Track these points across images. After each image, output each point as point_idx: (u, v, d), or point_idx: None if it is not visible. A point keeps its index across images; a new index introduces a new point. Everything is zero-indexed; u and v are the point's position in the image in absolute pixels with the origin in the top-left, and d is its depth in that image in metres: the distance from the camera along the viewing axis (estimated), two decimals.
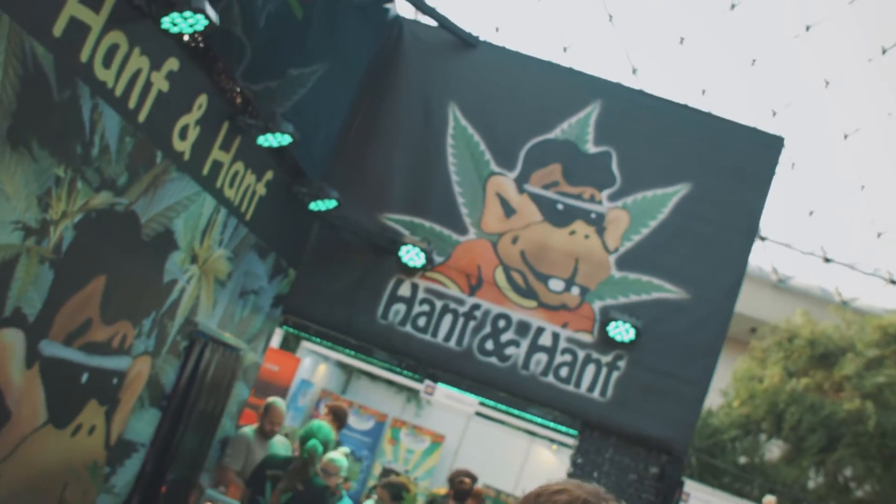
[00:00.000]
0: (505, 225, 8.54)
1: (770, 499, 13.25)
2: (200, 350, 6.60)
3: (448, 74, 8.95)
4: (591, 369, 8.13)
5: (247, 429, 7.99)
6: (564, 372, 8.14)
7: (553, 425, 8.43)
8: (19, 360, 4.62)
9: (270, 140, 6.44)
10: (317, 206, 7.79)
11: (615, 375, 8.10)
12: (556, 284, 8.37)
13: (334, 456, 7.39)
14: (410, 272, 8.44)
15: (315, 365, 14.77)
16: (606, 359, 8.14)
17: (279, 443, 8.04)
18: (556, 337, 8.24)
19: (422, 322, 8.38)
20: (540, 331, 8.27)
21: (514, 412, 8.55)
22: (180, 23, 4.75)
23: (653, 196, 8.44)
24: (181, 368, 6.48)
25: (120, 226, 5.23)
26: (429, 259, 8.29)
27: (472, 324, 8.33)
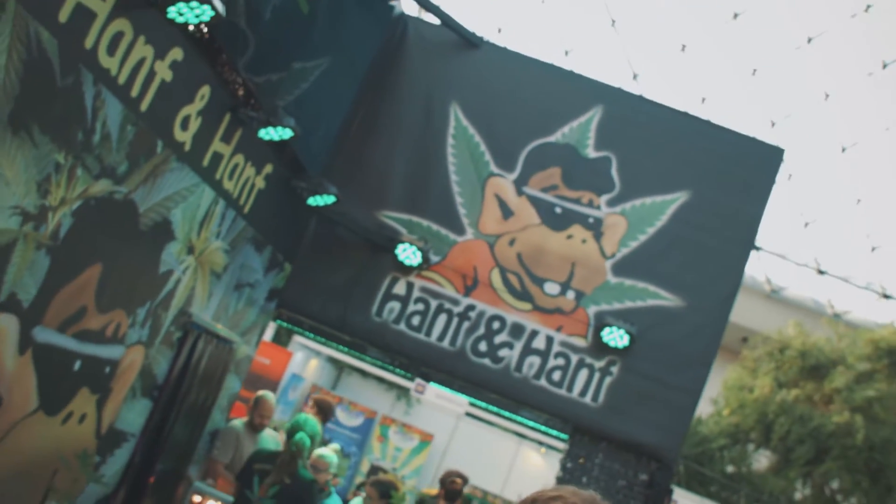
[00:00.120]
0: (502, 226, 8.53)
1: None
2: (194, 341, 6.58)
3: (451, 74, 8.93)
4: (584, 374, 8.13)
5: (236, 422, 7.98)
6: (557, 376, 8.14)
7: (544, 429, 8.42)
8: (12, 346, 4.59)
9: (271, 133, 6.42)
10: (315, 202, 7.78)
11: (608, 381, 8.10)
12: (552, 288, 8.36)
13: (324, 452, 7.39)
14: (406, 270, 8.43)
15: (306, 360, 14.75)
16: (599, 364, 8.14)
17: (269, 436, 8.03)
18: (550, 340, 8.23)
19: (416, 321, 8.36)
20: (534, 334, 8.26)
21: (506, 414, 8.54)
22: (186, 13, 4.74)
23: (651, 203, 8.44)
24: (174, 359, 6.46)
25: (118, 214, 5.21)
26: (425, 258, 8.27)
27: (467, 324, 8.31)
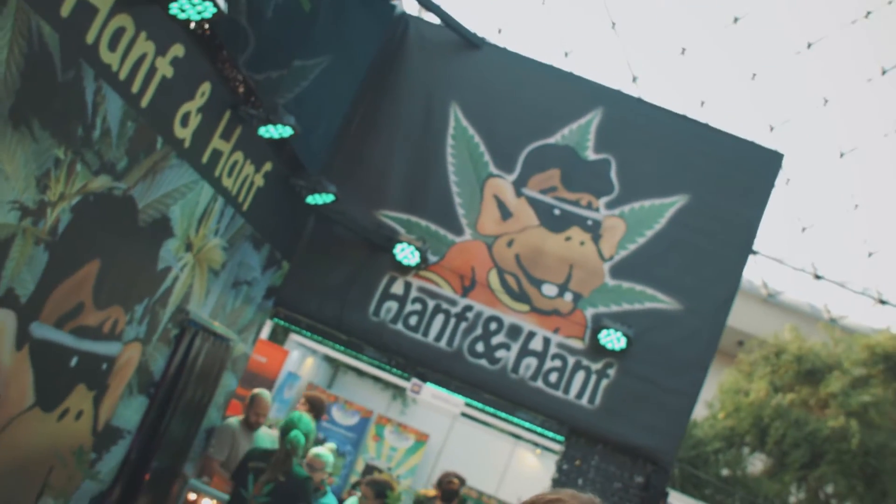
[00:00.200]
0: (501, 227, 8.52)
1: None
2: (191, 339, 6.57)
3: (451, 74, 8.92)
4: (581, 376, 8.12)
5: (232, 420, 7.97)
6: (554, 377, 8.13)
7: (540, 430, 8.42)
8: (9, 342, 4.58)
9: (271, 131, 6.41)
10: (314, 200, 7.77)
11: (604, 383, 8.10)
12: (550, 289, 8.35)
13: (320, 451, 7.39)
14: (404, 270, 8.42)
15: (303, 358, 14.72)
16: (596, 366, 8.13)
17: (265, 434, 8.02)
18: (547, 342, 8.22)
19: (413, 321, 8.35)
20: (531, 335, 8.25)
21: (502, 415, 8.53)
22: (188, 9, 4.73)
23: (650, 206, 8.43)
24: (171, 356, 6.44)
25: (117, 210, 5.19)
26: (423, 258, 8.27)
27: (464, 325, 8.31)
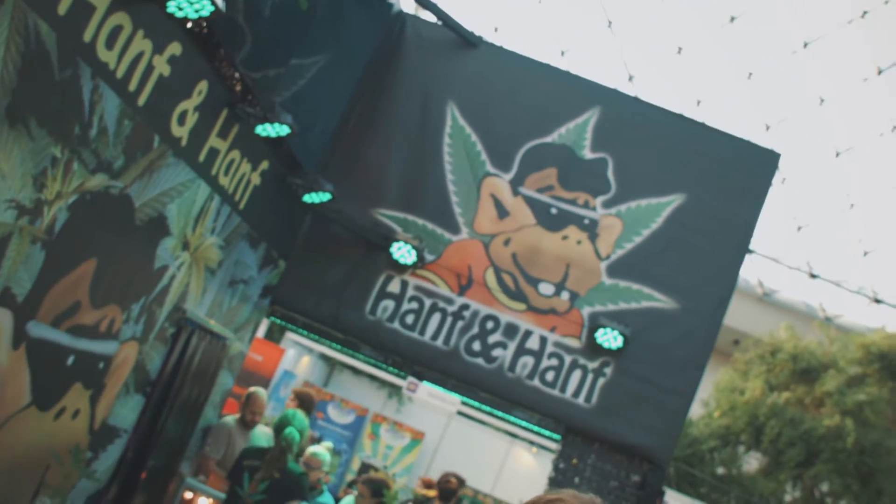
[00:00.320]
0: (498, 226, 8.52)
1: None
2: (187, 338, 6.55)
3: (448, 73, 8.92)
4: (578, 375, 8.13)
5: (228, 418, 7.97)
6: (550, 376, 8.13)
7: (536, 429, 8.42)
8: (6, 341, 4.56)
9: (269, 130, 6.39)
10: (311, 199, 7.75)
11: (601, 382, 8.10)
12: (546, 288, 8.35)
13: (317, 450, 7.38)
14: (401, 269, 8.42)
15: (299, 356, 14.73)
16: (593, 365, 8.14)
17: (260, 433, 8.02)
18: (544, 341, 8.23)
19: (410, 320, 8.35)
20: (528, 334, 8.25)
21: (498, 414, 8.53)
22: (186, 7, 4.71)
23: (647, 205, 8.44)
24: (167, 355, 6.42)
25: (114, 209, 5.18)
26: (420, 257, 8.26)
27: (461, 324, 8.31)
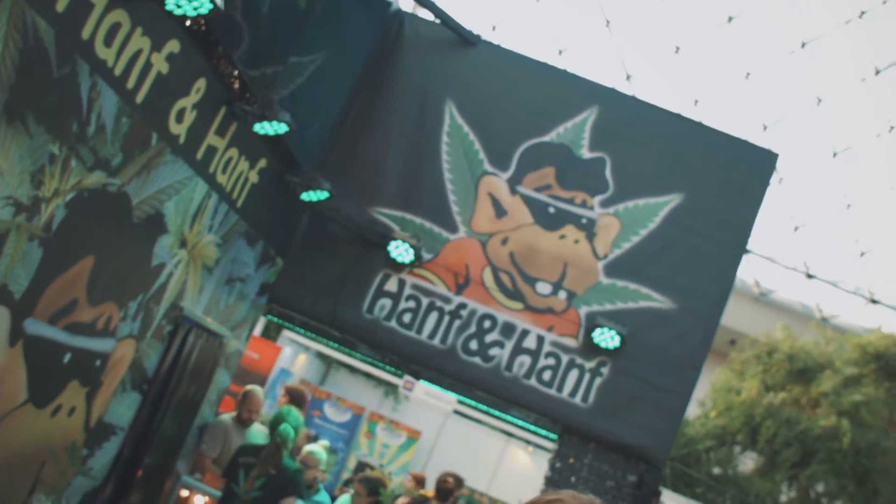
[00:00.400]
0: (495, 225, 8.52)
1: None
2: (184, 335, 6.55)
3: (446, 71, 8.91)
4: (574, 374, 8.13)
5: (225, 416, 7.96)
6: (547, 376, 8.13)
7: (533, 428, 8.42)
8: (3, 338, 4.55)
9: (266, 128, 6.39)
10: (308, 197, 7.74)
11: (598, 382, 8.10)
12: (544, 288, 8.35)
13: (314, 449, 7.38)
14: (398, 268, 8.41)
15: (295, 354, 14.70)
16: (590, 365, 8.14)
17: (257, 431, 8.01)
18: (541, 340, 8.23)
19: (407, 318, 8.35)
20: (525, 333, 8.25)
21: (495, 413, 8.53)
22: (184, 5, 4.70)
23: (644, 205, 8.44)
24: (164, 353, 6.42)
25: (111, 206, 5.17)
26: (417, 255, 8.26)
27: (458, 323, 8.30)
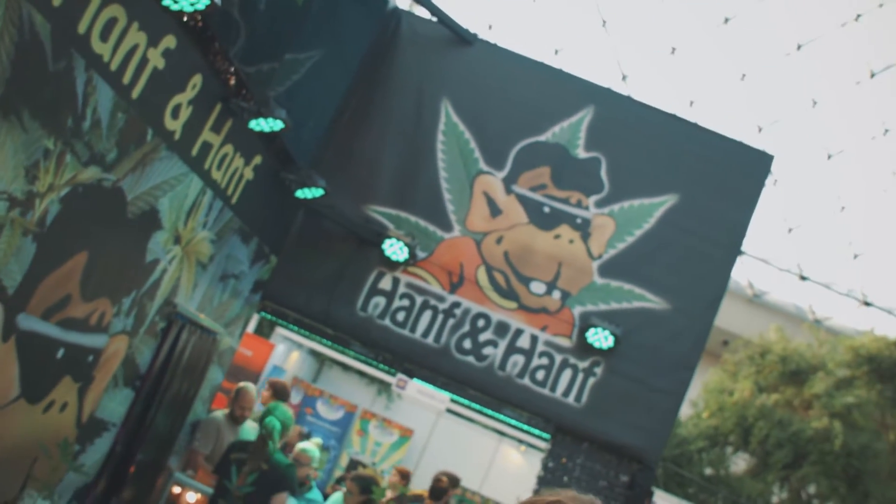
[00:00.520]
0: (490, 224, 8.51)
1: None
2: (178, 332, 6.53)
3: (443, 70, 8.90)
4: (568, 374, 8.13)
5: (217, 413, 7.94)
6: (541, 375, 8.13)
7: (526, 428, 8.42)
8: None
9: (262, 125, 6.37)
10: (303, 194, 7.73)
11: (591, 382, 8.10)
12: (538, 287, 8.35)
13: (307, 446, 7.37)
14: (392, 266, 8.40)
15: (288, 352, 14.68)
16: (583, 364, 8.14)
17: (250, 428, 7.98)
18: (535, 340, 8.23)
19: (401, 317, 8.34)
20: (518, 332, 8.25)
21: (488, 412, 8.52)
22: (181, 0, 4.69)
23: (640, 205, 8.44)
24: (157, 349, 6.40)
25: (106, 202, 5.16)
26: (412, 254, 8.25)
27: (452, 321, 8.30)
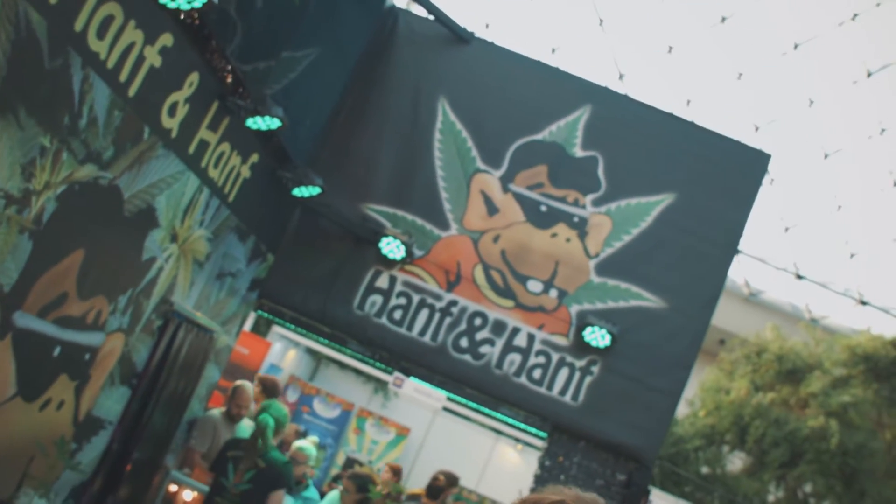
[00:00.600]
0: (487, 223, 8.51)
1: None
2: (174, 330, 6.52)
3: (440, 68, 8.90)
4: (565, 373, 8.13)
5: (214, 411, 7.93)
6: (537, 374, 8.14)
7: (523, 426, 8.42)
8: None
9: (259, 123, 6.37)
10: (300, 192, 7.73)
11: (588, 380, 8.11)
12: (535, 286, 8.35)
13: (303, 445, 7.36)
14: (389, 264, 8.40)
15: (285, 350, 14.66)
16: (580, 363, 8.14)
17: (247, 426, 7.98)
18: (532, 338, 8.23)
19: (398, 315, 8.34)
20: (515, 331, 8.25)
21: (485, 411, 8.52)
22: None
23: (636, 204, 8.44)
24: (154, 347, 6.40)
25: (102, 200, 5.15)
26: (408, 252, 8.25)
27: (448, 320, 8.30)
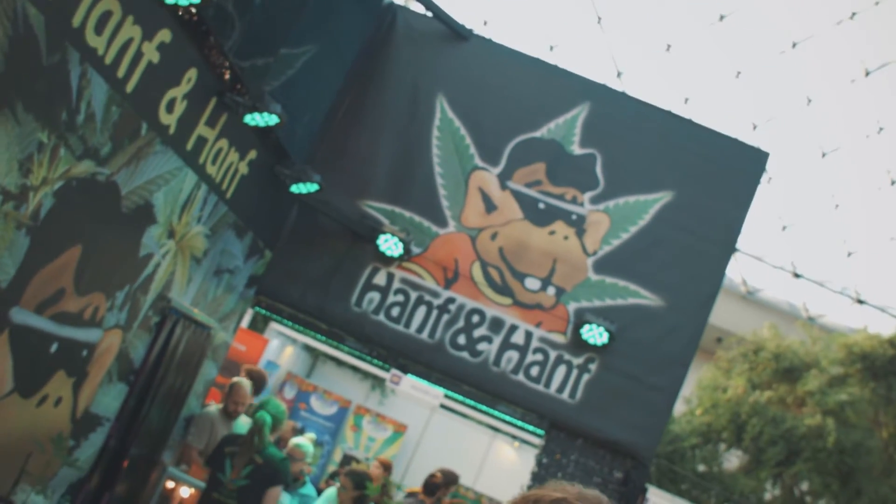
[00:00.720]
0: (485, 220, 8.51)
1: None
2: (172, 326, 6.52)
3: (438, 65, 8.89)
4: (562, 370, 8.13)
5: (211, 408, 7.92)
6: (535, 371, 8.14)
7: (520, 424, 8.42)
8: None
9: (257, 119, 6.35)
10: (298, 189, 7.72)
11: (585, 378, 8.11)
12: (533, 283, 8.35)
13: (300, 441, 7.36)
14: (387, 261, 8.39)
15: (282, 347, 14.66)
16: (578, 361, 8.14)
17: (244, 423, 7.97)
18: (529, 336, 8.23)
19: (395, 312, 8.33)
20: (513, 328, 8.25)
21: (482, 408, 8.52)
22: None
23: (635, 202, 8.44)
24: (151, 344, 6.39)
25: (100, 196, 5.14)
26: (406, 249, 8.24)
27: (446, 317, 8.29)
